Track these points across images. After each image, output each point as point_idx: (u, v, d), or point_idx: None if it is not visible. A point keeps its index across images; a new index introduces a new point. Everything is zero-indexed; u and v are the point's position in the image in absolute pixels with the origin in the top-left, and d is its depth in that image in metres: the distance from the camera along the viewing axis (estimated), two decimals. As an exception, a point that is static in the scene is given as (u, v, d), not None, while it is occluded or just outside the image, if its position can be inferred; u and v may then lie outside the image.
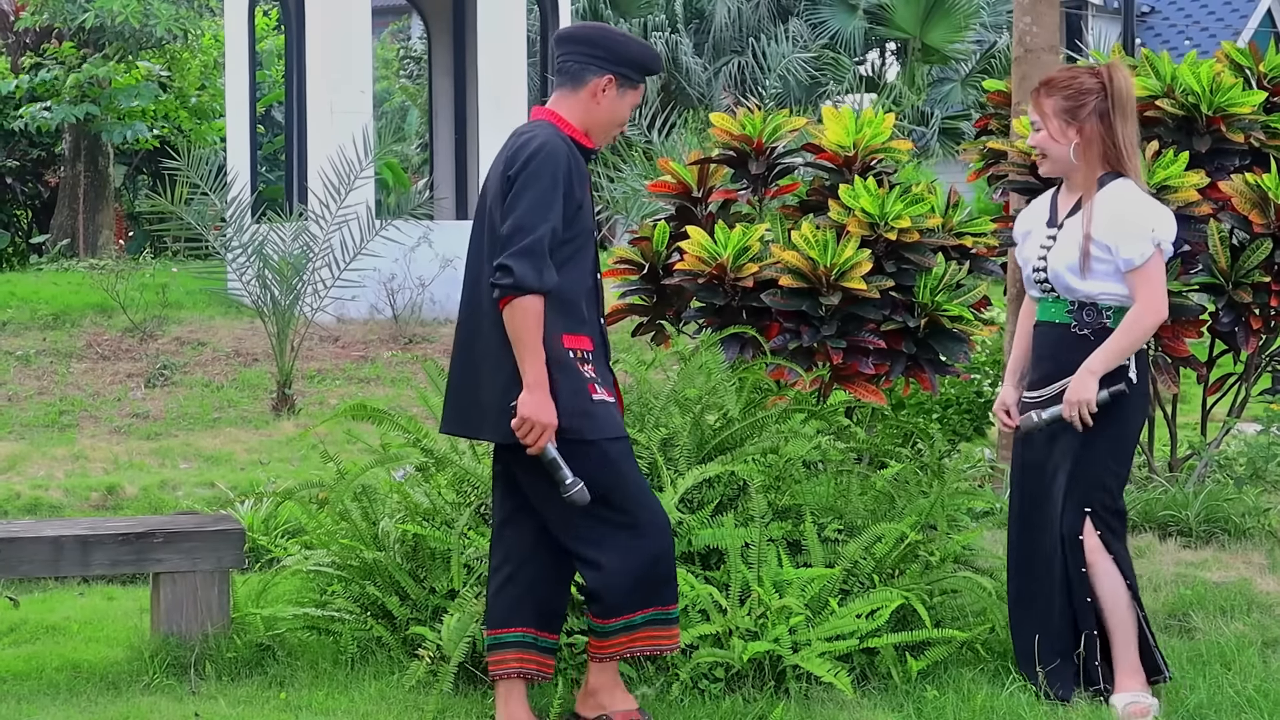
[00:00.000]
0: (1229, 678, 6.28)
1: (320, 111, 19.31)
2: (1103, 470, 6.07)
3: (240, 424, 14.19)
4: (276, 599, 6.91)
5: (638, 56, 5.78)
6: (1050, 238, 6.12)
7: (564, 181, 5.55)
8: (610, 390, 5.72)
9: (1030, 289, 6.25)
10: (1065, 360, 6.03)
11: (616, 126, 5.86)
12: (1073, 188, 6.16)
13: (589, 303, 5.72)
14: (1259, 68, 9.29)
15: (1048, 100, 6.07)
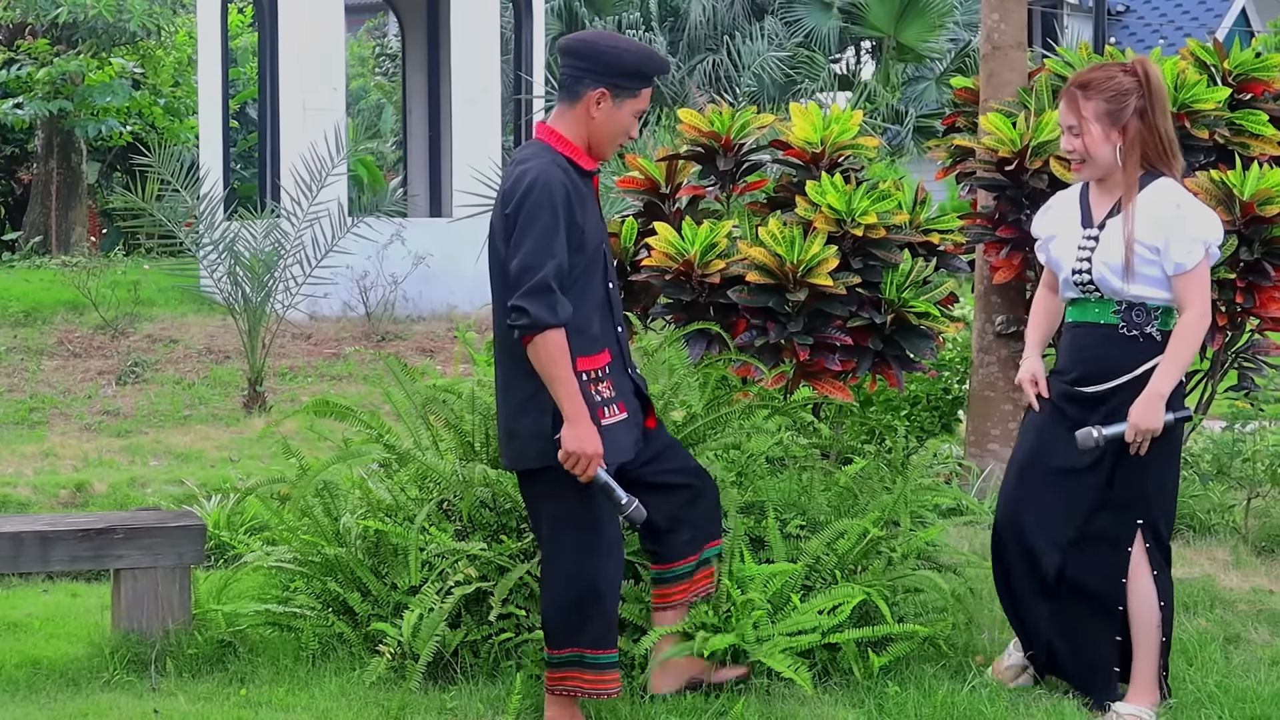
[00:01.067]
0: (1191, 673, 6.30)
1: (293, 109, 19.28)
2: (1161, 486, 5.96)
3: (211, 421, 14.15)
4: (238, 595, 6.90)
5: (630, 65, 5.67)
6: (1091, 238, 5.96)
7: (563, 212, 5.52)
8: (624, 403, 5.72)
9: (1067, 290, 6.07)
10: (1114, 360, 5.92)
11: (620, 137, 5.76)
12: (1109, 188, 5.99)
13: (602, 315, 5.72)
14: (1224, 65, 9.29)
15: (1088, 104, 5.90)
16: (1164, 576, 5.95)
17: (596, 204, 5.80)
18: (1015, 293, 9.59)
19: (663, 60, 5.85)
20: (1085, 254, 5.96)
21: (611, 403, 5.65)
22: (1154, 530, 5.93)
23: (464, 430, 6.65)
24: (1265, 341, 9.34)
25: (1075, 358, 6.03)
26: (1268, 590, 7.36)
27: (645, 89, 5.74)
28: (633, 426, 5.74)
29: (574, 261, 5.56)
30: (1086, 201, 6.07)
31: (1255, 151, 9.04)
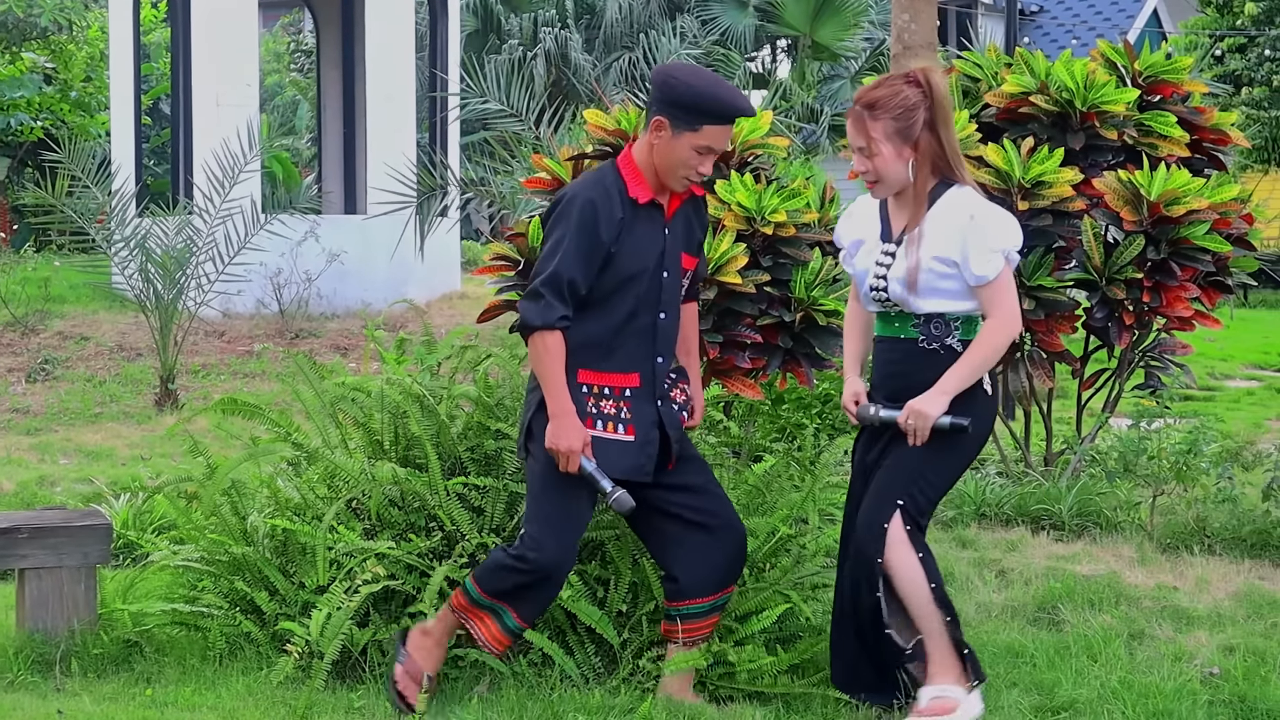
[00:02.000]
0: (1095, 670, 6.34)
1: (206, 104, 19.18)
2: (924, 471, 5.79)
3: (122, 419, 14.05)
4: (145, 595, 6.85)
5: (687, 98, 5.70)
6: (888, 254, 5.82)
7: (587, 232, 5.68)
8: (634, 428, 5.80)
9: (868, 304, 5.96)
10: (918, 377, 5.76)
11: (680, 169, 5.77)
12: (906, 201, 5.84)
13: (635, 340, 5.82)
14: (1133, 66, 9.37)
15: (877, 124, 5.71)
16: (929, 559, 5.80)
17: (660, 232, 5.87)
18: (925, 291, 9.62)
19: (731, 103, 5.77)
20: (882, 270, 5.82)
21: (609, 420, 5.80)
22: (914, 515, 5.76)
23: (372, 429, 6.64)
24: (1171, 340, 9.43)
25: (883, 373, 5.92)
26: (1172, 587, 7.42)
27: (707, 125, 5.72)
28: (636, 452, 5.80)
29: (600, 281, 5.73)
30: (886, 214, 5.92)
31: (1163, 152, 9.13)
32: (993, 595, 7.34)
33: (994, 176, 8.84)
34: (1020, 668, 6.39)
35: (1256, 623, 6.96)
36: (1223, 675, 6.28)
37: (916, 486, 5.76)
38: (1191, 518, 8.28)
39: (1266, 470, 8.76)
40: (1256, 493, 8.56)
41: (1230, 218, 8.94)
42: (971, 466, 9.88)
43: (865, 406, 5.82)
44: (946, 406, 5.68)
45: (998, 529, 8.60)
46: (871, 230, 5.91)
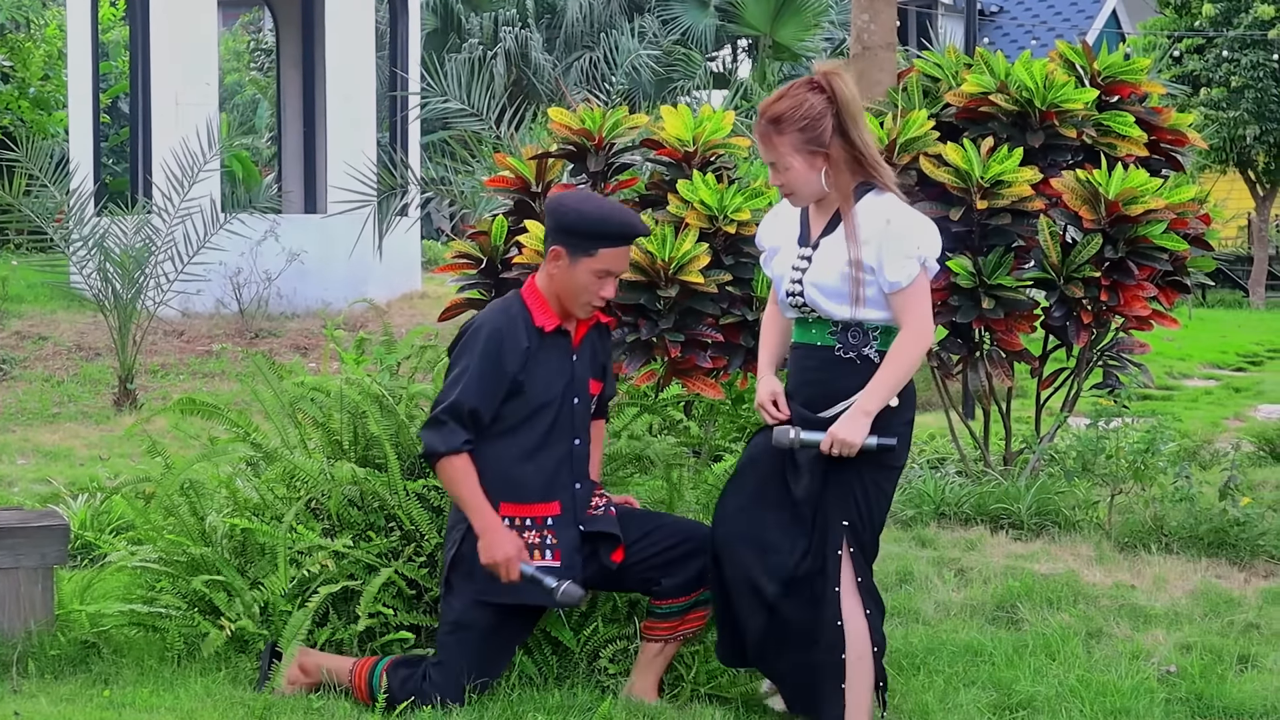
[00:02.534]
0: (1053, 668, 6.36)
1: (165, 103, 19.12)
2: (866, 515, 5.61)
3: (81, 419, 14.01)
4: (103, 596, 6.81)
5: (578, 225, 5.73)
6: (804, 258, 5.65)
7: (491, 362, 5.73)
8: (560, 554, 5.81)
9: (785, 310, 5.76)
10: (835, 384, 5.58)
11: (583, 295, 5.79)
12: (825, 205, 5.65)
13: (550, 468, 5.84)
14: (1092, 66, 9.41)
15: (784, 139, 5.52)
16: (875, 617, 5.63)
17: (569, 360, 5.89)
18: (885, 291, 9.63)
19: (623, 225, 5.77)
20: (798, 274, 5.65)
21: (533, 549, 5.82)
22: (860, 561, 5.62)
23: (332, 429, 6.62)
24: (1129, 340, 9.46)
25: (799, 380, 5.72)
26: (1129, 585, 7.45)
27: (603, 249, 5.75)
28: (559, 576, 5.79)
29: (507, 410, 5.78)
30: (805, 218, 5.75)
31: (1122, 152, 9.16)
32: (952, 594, 7.36)
33: (953, 175, 8.86)
34: (979, 666, 6.41)
35: (1213, 621, 7.00)
36: (1180, 673, 6.31)
37: (858, 529, 5.61)
38: (1149, 516, 8.31)
39: (1223, 469, 8.80)
40: (1214, 492, 8.60)
41: (1188, 218, 8.98)
42: (931, 465, 9.96)
43: (784, 431, 5.54)
44: (869, 427, 5.50)
45: (957, 528, 8.63)
46: (790, 234, 5.76)
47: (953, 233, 9.00)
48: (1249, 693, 6.09)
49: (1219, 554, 8.06)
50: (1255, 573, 7.86)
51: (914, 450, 10.83)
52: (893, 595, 7.32)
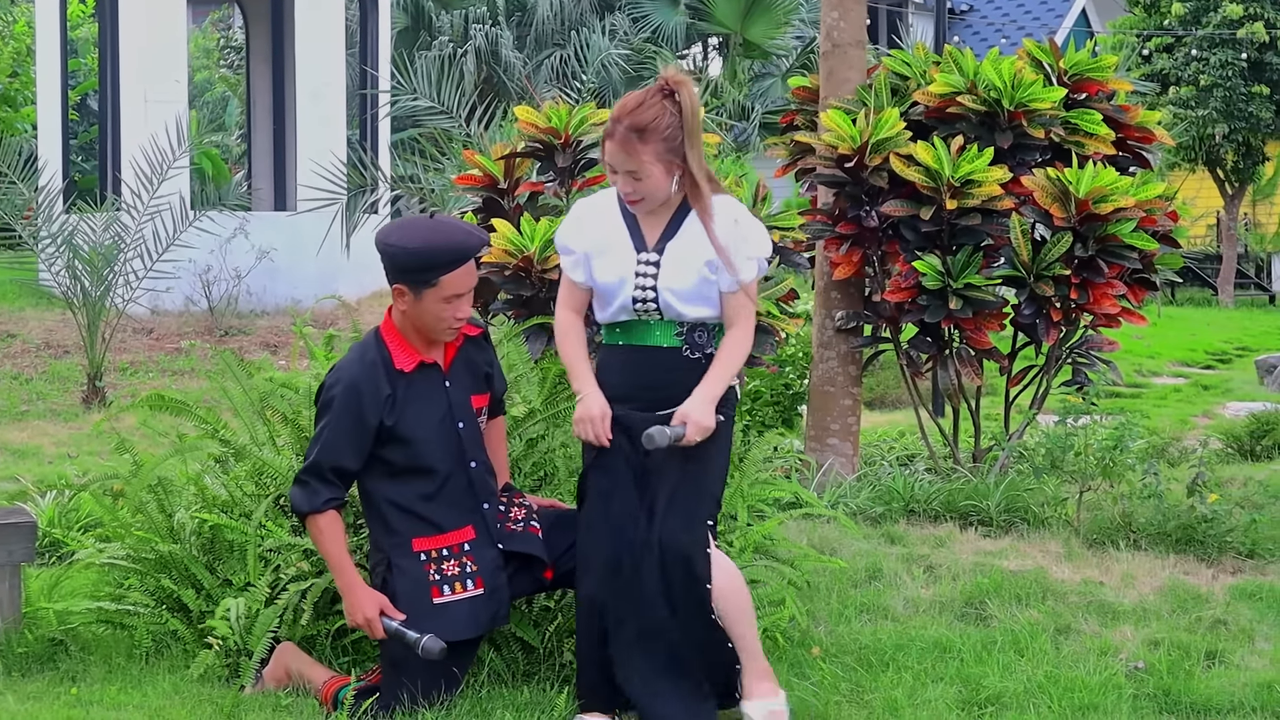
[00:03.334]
0: (1021, 664, 6.37)
1: (134, 101, 19.05)
2: (715, 485, 5.67)
3: (49, 417, 13.94)
4: (71, 593, 6.78)
5: (408, 262, 5.67)
6: (650, 263, 5.62)
7: (351, 417, 5.70)
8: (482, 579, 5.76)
9: (621, 314, 5.67)
10: (677, 388, 5.58)
11: (439, 323, 5.73)
12: (660, 210, 5.66)
13: (455, 497, 5.79)
14: (1059, 65, 9.44)
15: (647, 147, 5.51)
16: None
17: (442, 390, 5.82)
18: (855, 289, 9.68)
19: (453, 248, 5.70)
20: (648, 280, 5.62)
21: (455, 580, 5.76)
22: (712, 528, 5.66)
23: (301, 425, 6.60)
24: (1098, 337, 9.49)
25: (634, 382, 5.67)
26: (1098, 582, 7.46)
27: (443, 276, 5.68)
28: (490, 602, 5.78)
29: (391, 454, 5.75)
30: (633, 223, 5.71)
31: (1090, 150, 9.20)
32: (920, 591, 7.37)
33: (923, 175, 8.88)
34: (947, 662, 6.41)
35: (1181, 617, 7.02)
36: (1148, 669, 6.31)
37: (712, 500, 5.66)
38: (1118, 513, 8.33)
39: (1192, 466, 8.83)
40: (1182, 489, 8.62)
41: (1156, 215, 9.01)
42: (900, 463, 9.98)
43: (653, 434, 5.46)
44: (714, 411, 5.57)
45: (926, 525, 8.64)
46: (616, 240, 5.69)
47: (923, 232, 9.03)
48: (1216, 689, 6.10)
49: (1187, 550, 8.08)
50: (1223, 569, 7.89)
51: (884, 448, 10.85)
52: (861, 592, 7.33)
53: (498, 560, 5.81)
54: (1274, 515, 8.68)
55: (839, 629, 6.79)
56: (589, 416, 5.60)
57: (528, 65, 28.72)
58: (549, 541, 5.88)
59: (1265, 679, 6.18)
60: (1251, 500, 9.26)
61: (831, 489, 9.00)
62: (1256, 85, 28.08)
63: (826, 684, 6.11)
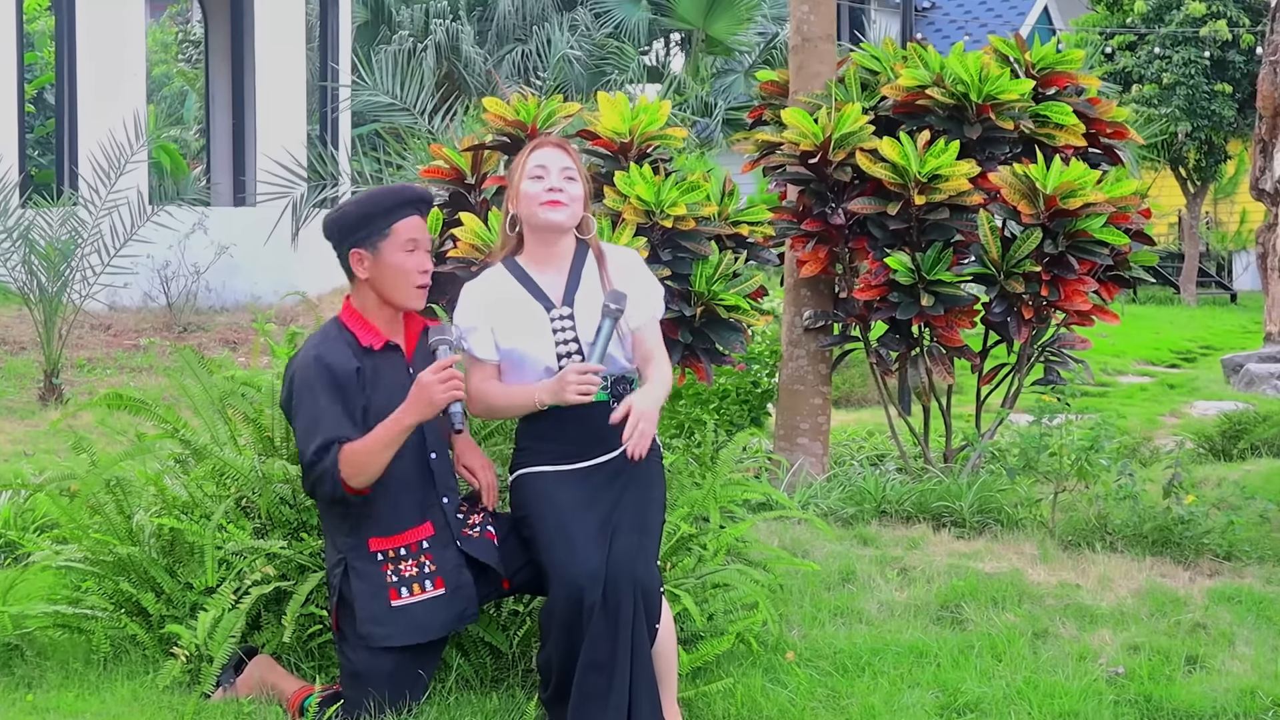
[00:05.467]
0: (999, 669, 6.26)
1: (91, 95, 18.87)
2: (660, 523, 5.56)
3: (5, 414, 13.78)
4: (26, 596, 6.61)
5: (355, 218, 5.58)
6: (565, 318, 5.53)
7: (327, 389, 5.47)
8: (442, 579, 5.56)
9: (546, 377, 5.49)
10: (615, 440, 5.41)
11: (403, 277, 5.57)
12: (549, 261, 5.59)
13: (416, 490, 5.59)
14: (1026, 58, 9.36)
15: (579, 158, 5.62)
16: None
17: (405, 374, 5.61)
18: (823, 286, 9.57)
19: (397, 192, 5.66)
20: (567, 335, 5.51)
21: (412, 582, 5.57)
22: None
23: (263, 425, 6.45)
24: (1070, 335, 9.40)
25: (566, 448, 5.50)
26: (1074, 584, 7.35)
27: (395, 222, 5.59)
28: (450, 602, 5.58)
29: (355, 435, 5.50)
30: (534, 284, 5.58)
31: (1060, 142, 9.13)
32: (895, 594, 7.24)
33: (890, 171, 8.78)
34: (924, 667, 6.29)
35: (1160, 620, 6.91)
36: (1128, 674, 6.21)
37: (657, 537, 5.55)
38: (1093, 515, 8.22)
39: (1166, 467, 8.73)
40: (1156, 489, 8.53)
41: (1129, 212, 8.91)
42: (870, 462, 9.88)
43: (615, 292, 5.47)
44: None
45: (899, 526, 8.53)
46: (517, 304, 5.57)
47: (890, 229, 8.92)
48: (1198, 694, 6.00)
49: (1163, 552, 7.97)
50: (1200, 571, 7.78)
51: (853, 447, 10.75)
52: (835, 595, 7.21)
53: (459, 558, 5.62)
54: (1250, 517, 8.58)
55: (813, 633, 6.66)
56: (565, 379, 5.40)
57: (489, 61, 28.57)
58: (504, 549, 5.69)
59: (1248, 684, 6.08)
60: (1227, 501, 9.17)
61: (802, 489, 8.88)
62: (1219, 84, 28.09)
63: (802, 690, 5.99)
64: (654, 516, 5.54)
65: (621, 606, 5.32)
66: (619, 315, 5.46)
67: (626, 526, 5.42)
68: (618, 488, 5.49)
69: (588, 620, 5.31)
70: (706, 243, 7.95)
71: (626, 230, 7.59)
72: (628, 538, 5.39)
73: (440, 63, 28.54)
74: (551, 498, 5.50)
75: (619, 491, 5.48)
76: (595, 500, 5.46)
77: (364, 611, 5.54)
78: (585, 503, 5.46)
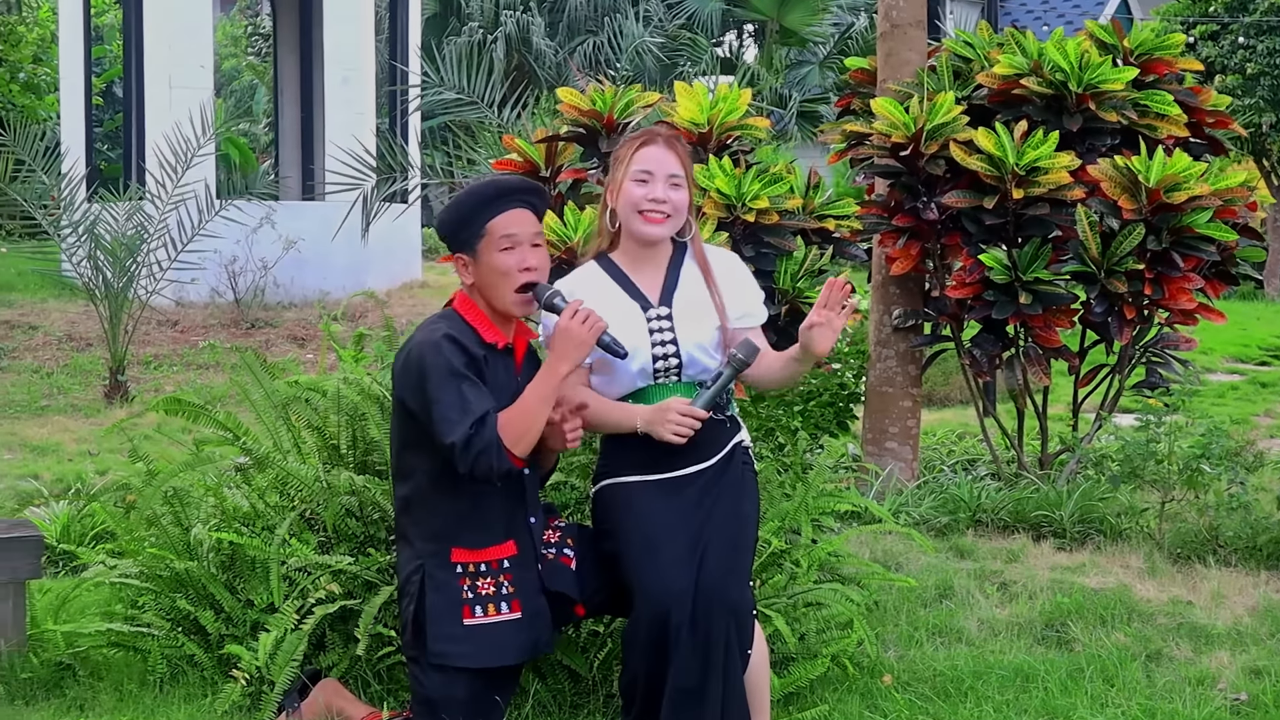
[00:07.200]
0: (1112, 695, 5.86)
1: (158, 87, 18.67)
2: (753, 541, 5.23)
3: (70, 412, 13.59)
4: (80, 612, 6.31)
5: (453, 221, 5.21)
6: (662, 318, 5.18)
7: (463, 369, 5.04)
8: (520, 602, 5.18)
9: (639, 381, 5.19)
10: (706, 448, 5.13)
11: (503, 280, 5.13)
12: (647, 261, 5.25)
13: (506, 502, 5.20)
14: (1124, 44, 8.97)
15: (686, 158, 5.24)
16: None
17: (514, 381, 5.22)
18: (914, 284, 9.22)
19: (487, 187, 5.24)
20: (665, 337, 5.17)
21: (488, 601, 5.19)
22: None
23: (328, 432, 6.11)
24: (1174, 335, 9.01)
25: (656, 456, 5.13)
26: (1186, 601, 6.95)
27: (490, 220, 5.17)
28: (527, 628, 5.21)
29: None
30: (630, 283, 5.26)
31: (1162, 133, 8.78)
32: (996, 610, 6.86)
33: (986, 163, 8.44)
34: (1031, 692, 5.90)
35: (1281, 642, 6.50)
36: (1251, 702, 5.79)
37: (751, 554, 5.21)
38: (1203, 525, 7.81)
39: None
40: (1268, 498, 8.11)
41: (1236, 205, 8.51)
42: (962, 468, 9.51)
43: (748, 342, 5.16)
44: None
45: (996, 536, 8.14)
46: (614, 302, 5.20)
47: (985, 224, 8.55)
48: (1329, 724, 5.60)
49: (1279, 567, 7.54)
50: (1320, 587, 7.36)
51: (943, 451, 10.37)
52: (932, 612, 6.84)
53: (536, 583, 5.25)
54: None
55: (911, 654, 6.29)
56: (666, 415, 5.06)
57: (559, 53, 28.30)
58: (581, 570, 5.32)
59: (1383, 714, 5.67)
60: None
61: (891, 496, 8.51)
62: (1305, 73, 27.56)
63: (902, 717, 5.61)
64: (747, 533, 5.17)
65: (712, 630, 4.97)
66: (743, 369, 5.12)
67: (718, 544, 5.05)
68: (709, 502, 5.12)
69: (674, 643, 4.97)
70: (791, 238, 7.63)
71: (707, 225, 7.28)
72: (719, 557, 5.03)
73: (510, 55, 28.31)
74: (638, 511, 5.15)
75: (710, 506, 5.11)
76: (685, 515, 5.10)
77: (437, 627, 5.15)
78: (674, 517, 5.10)
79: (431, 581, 5.16)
